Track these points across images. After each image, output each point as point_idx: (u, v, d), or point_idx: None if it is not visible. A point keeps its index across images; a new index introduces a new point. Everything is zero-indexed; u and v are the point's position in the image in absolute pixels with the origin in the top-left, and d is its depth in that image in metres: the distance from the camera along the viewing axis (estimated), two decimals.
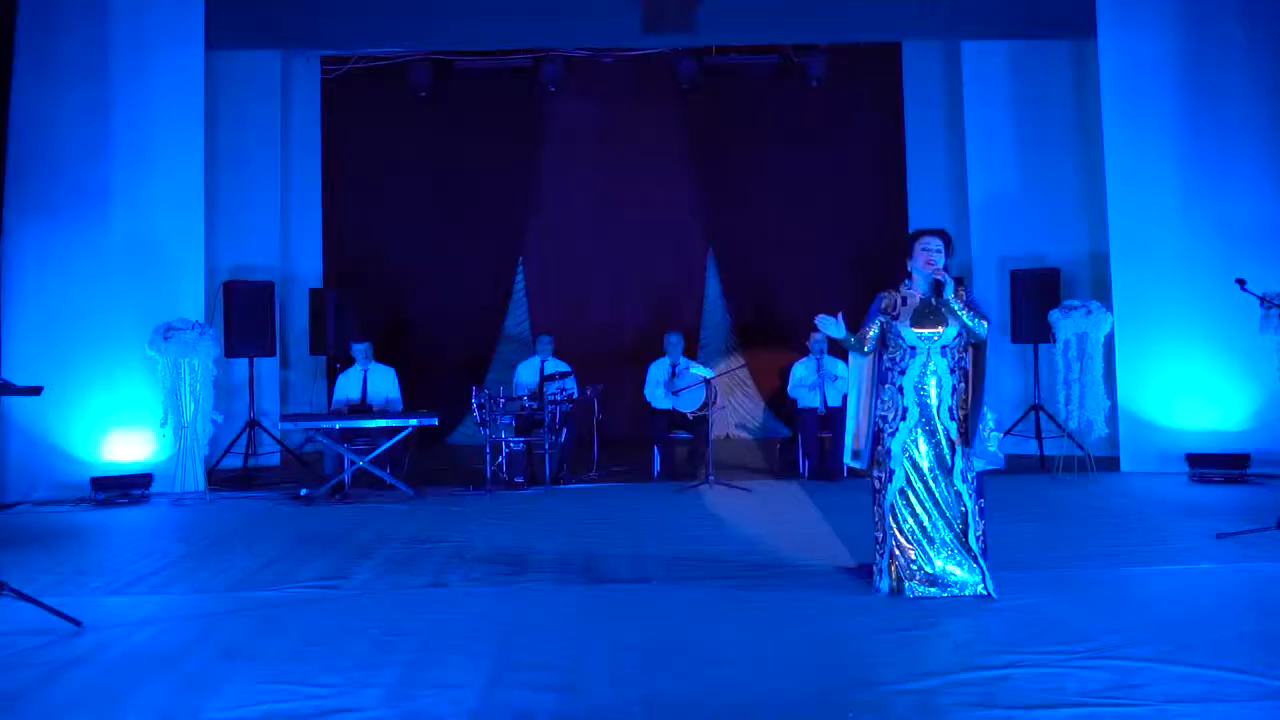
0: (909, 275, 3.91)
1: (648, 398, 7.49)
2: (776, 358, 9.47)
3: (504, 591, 4.02)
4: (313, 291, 8.78)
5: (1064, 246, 8.38)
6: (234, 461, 7.70)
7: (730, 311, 10.05)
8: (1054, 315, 7.09)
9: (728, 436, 9.95)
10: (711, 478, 6.78)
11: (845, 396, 3.94)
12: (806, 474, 7.19)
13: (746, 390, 10.08)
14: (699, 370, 7.33)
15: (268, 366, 8.56)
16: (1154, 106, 7.37)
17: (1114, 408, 7.13)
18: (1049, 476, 6.92)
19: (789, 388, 7.51)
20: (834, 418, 7.18)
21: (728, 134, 9.88)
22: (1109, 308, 7.16)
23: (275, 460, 8.43)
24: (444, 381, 9.78)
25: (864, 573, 4.10)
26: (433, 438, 9.55)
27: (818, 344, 7.32)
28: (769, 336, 9.81)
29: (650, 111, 9.90)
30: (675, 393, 7.24)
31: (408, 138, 9.95)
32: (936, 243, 3.84)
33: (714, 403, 7.20)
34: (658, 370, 7.53)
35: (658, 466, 7.36)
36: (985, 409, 3.78)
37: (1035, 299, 7.77)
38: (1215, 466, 6.75)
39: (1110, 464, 7.23)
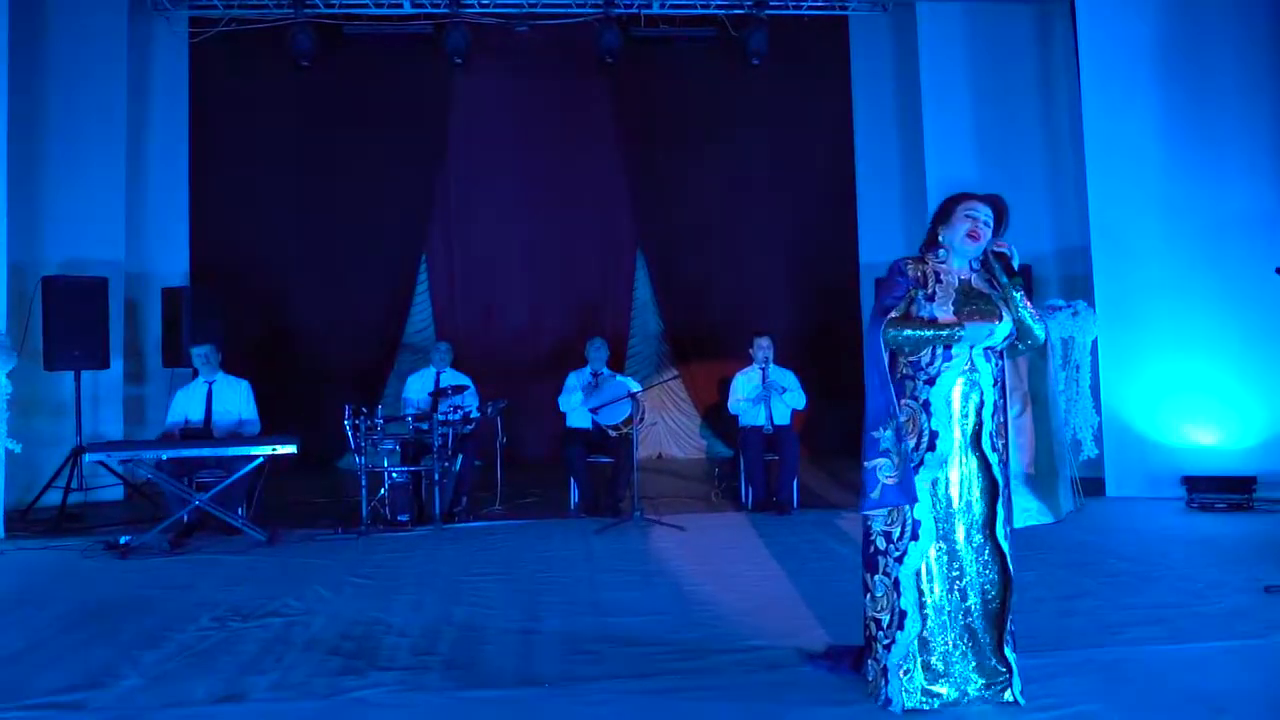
0: (940, 246, 2.80)
1: (562, 408, 6.30)
2: (715, 368, 8.39)
3: (325, 707, 2.77)
4: (165, 291, 7.35)
5: (1029, 240, 7.49)
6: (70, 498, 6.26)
7: (662, 316, 8.98)
8: None
9: (659, 456, 8.82)
10: (638, 512, 5.65)
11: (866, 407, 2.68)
12: (750, 504, 6.09)
13: (681, 405, 8.96)
14: (624, 381, 6.19)
15: (107, 381, 7.12)
16: (1136, 88, 6.67)
17: (1100, 424, 6.23)
18: None
19: (729, 402, 6.41)
20: (781, 437, 6.12)
21: (658, 115, 8.80)
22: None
23: (119, 495, 7.01)
24: (332, 396, 8.38)
25: (837, 660, 2.98)
26: (319, 464, 8.17)
27: (762, 351, 6.27)
28: (706, 344, 8.74)
29: (571, 89, 8.77)
30: (594, 410, 6.02)
31: (290, 113, 8.61)
32: (985, 210, 2.74)
33: (641, 420, 6.03)
34: (577, 379, 6.33)
35: (575, 497, 6.17)
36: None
37: None
38: (1216, 491, 5.93)
39: (1093, 486, 6.31)
